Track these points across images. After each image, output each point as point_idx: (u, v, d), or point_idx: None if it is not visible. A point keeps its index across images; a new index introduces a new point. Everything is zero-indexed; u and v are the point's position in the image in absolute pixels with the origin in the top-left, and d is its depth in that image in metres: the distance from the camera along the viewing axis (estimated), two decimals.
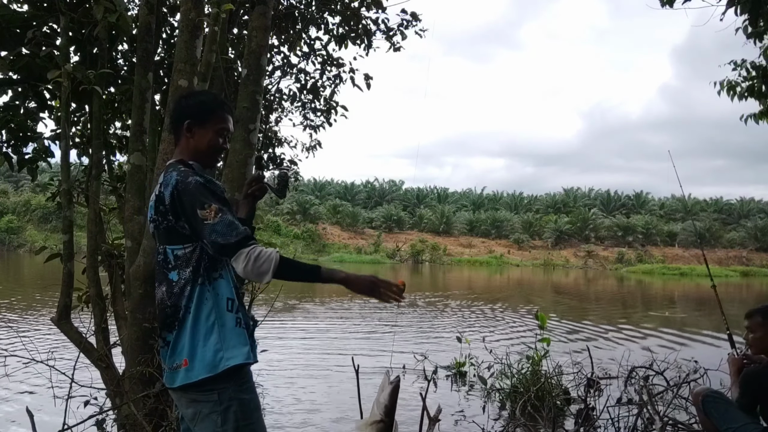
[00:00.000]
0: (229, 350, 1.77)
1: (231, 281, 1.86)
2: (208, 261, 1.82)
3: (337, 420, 4.82)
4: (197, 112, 1.90)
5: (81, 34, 3.63)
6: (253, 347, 1.88)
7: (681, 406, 4.96)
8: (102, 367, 3.53)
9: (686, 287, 32.21)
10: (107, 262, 3.76)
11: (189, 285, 1.78)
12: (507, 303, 17.28)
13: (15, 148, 3.76)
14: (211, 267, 1.83)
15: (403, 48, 6.26)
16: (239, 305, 1.86)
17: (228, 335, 1.79)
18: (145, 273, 3.22)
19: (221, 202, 1.76)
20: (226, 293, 1.82)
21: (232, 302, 1.83)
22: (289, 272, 1.74)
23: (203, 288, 1.80)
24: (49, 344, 7.07)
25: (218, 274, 1.84)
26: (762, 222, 65.44)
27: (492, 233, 69.69)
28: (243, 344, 1.81)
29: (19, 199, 57.13)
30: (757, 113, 6.70)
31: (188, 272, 1.80)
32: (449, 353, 7.55)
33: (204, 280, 1.81)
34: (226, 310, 1.81)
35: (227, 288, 1.84)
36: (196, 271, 1.81)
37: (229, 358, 1.76)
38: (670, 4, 5.25)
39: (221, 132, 1.92)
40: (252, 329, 1.92)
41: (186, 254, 1.80)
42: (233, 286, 1.86)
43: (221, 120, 1.92)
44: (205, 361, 1.75)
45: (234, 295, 1.84)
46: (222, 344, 1.77)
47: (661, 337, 10.98)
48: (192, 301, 1.79)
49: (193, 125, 1.89)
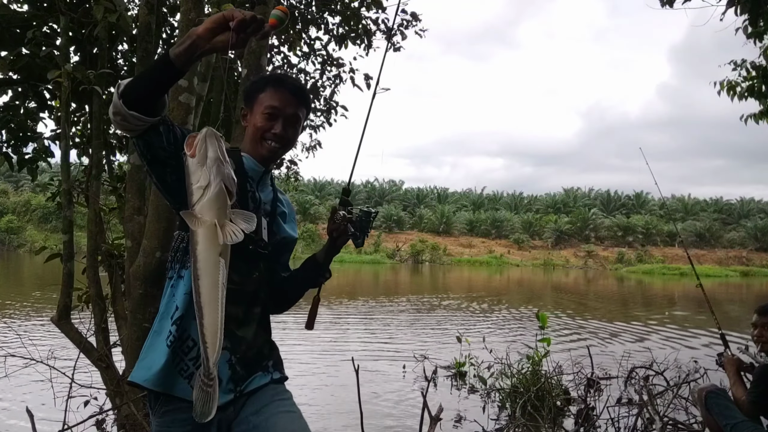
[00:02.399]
0: (139, 362, 1.50)
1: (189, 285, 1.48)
2: (184, 250, 1.53)
3: (342, 428, 4.82)
4: (246, 96, 1.68)
5: (81, 34, 3.63)
6: (177, 373, 1.47)
7: (681, 406, 4.96)
8: (102, 367, 3.53)
9: (686, 287, 32.18)
10: (107, 262, 3.76)
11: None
12: (507, 303, 17.28)
13: (15, 148, 3.77)
14: (183, 257, 1.53)
15: (403, 48, 6.27)
16: (183, 318, 1.48)
17: (151, 344, 1.51)
18: (145, 273, 3.21)
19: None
20: (178, 298, 1.50)
21: (177, 309, 1.49)
22: (136, 85, 1.30)
23: (167, 283, 1.56)
24: (49, 344, 7.06)
25: (184, 270, 1.52)
26: (762, 222, 65.44)
27: (492, 233, 69.68)
28: (153, 363, 1.47)
29: (19, 199, 57.17)
30: (757, 113, 6.71)
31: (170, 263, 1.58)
32: (449, 353, 7.55)
33: (173, 273, 1.55)
34: (169, 316, 1.50)
35: (181, 291, 1.51)
36: (172, 260, 1.57)
37: (136, 369, 1.50)
38: (670, 4, 5.25)
39: (268, 112, 1.59)
40: (193, 354, 1.48)
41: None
42: (187, 293, 1.49)
43: (268, 97, 1.61)
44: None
45: (183, 304, 1.48)
46: (144, 353, 1.51)
47: (661, 337, 10.98)
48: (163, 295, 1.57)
49: (246, 112, 1.67)
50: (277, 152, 1.65)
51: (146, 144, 1.38)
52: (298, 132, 1.68)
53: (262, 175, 1.67)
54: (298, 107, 1.64)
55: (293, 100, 1.62)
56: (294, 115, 1.63)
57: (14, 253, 47.89)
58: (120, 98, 1.28)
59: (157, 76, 1.29)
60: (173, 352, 1.47)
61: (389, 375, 6.77)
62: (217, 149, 1.25)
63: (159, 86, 1.30)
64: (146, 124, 1.32)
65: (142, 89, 1.29)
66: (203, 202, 1.24)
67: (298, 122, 1.66)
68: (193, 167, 1.24)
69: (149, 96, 1.30)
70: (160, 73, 1.29)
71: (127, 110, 1.28)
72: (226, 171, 1.26)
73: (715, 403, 3.17)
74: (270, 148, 1.62)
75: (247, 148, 1.65)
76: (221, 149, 1.26)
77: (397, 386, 6.22)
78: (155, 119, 1.34)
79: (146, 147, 1.39)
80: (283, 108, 1.60)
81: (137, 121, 1.30)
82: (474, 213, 74.12)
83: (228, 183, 1.26)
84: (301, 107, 1.65)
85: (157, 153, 1.41)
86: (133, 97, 1.28)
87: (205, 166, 1.24)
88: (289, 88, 1.62)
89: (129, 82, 1.30)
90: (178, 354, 1.48)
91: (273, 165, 1.75)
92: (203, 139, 1.25)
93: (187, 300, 1.47)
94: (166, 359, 1.45)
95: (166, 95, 1.37)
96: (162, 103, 1.35)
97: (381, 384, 6.28)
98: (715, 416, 3.14)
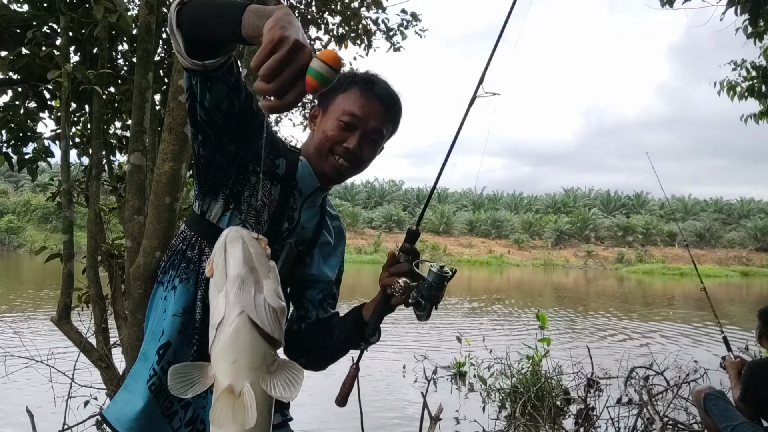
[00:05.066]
0: (121, 391, 1.23)
1: (183, 304, 1.19)
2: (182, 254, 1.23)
3: (342, 427, 4.82)
4: (322, 95, 1.28)
5: (81, 34, 3.63)
6: (159, 414, 1.19)
7: (681, 406, 4.96)
8: (102, 367, 3.52)
9: (686, 287, 32.18)
10: (107, 262, 3.76)
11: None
12: (507, 303, 17.27)
13: (15, 148, 3.77)
14: (180, 263, 1.22)
15: (403, 48, 6.27)
16: (169, 346, 1.18)
17: (135, 370, 1.22)
18: (145, 273, 3.21)
19: None
20: (167, 319, 1.19)
21: (163, 334, 1.18)
22: (198, 13, 0.96)
23: (158, 287, 1.26)
24: (49, 344, 7.06)
25: (184, 275, 1.20)
26: (762, 222, 65.48)
27: (492, 233, 69.72)
28: (133, 398, 1.18)
29: (19, 199, 57.20)
30: (758, 113, 6.71)
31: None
32: (449, 353, 7.55)
33: (165, 279, 1.24)
34: (156, 339, 1.19)
35: (171, 311, 1.19)
36: (168, 262, 1.25)
37: (114, 402, 1.23)
38: (670, 4, 5.25)
39: (344, 120, 1.23)
40: (174, 401, 1.20)
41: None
42: (177, 314, 1.18)
43: (349, 101, 1.24)
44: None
45: (171, 329, 1.18)
46: (129, 380, 1.22)
47: (661, 336, 10.98)
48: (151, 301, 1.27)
49: (317, 112, 1.32)
50: (344, 173, 1.28)
51: (204, 91, 1.06)
52: (375, 153, 1.31)
53: (314, 191, 1.31)
54: (385, 122, 1.28)
55: (381, 110, 1.26)
56: (377, 131, 1.27)
57: (14, 253, 47.88)
58: (176, 19, 0.96)
59: (223, 22, 0.93)
60: (156, 393, 1.18)
61: (389, 375, 6.77)
62: (242, 259, 0.81)
63: (219, 44, 0.98)
64: (201, 67, 0.99)
65: (203, 25, 0.95)
66: (214, 350, 0.80)
67: (380, 140, 1.30)
68: (212, 293, 0.84)
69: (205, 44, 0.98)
70: (227, 36, 0.94)
71: (181, 38, 0.97)
72: (256, 296, 0.80)
73: (715, 405, 3.17)
74: (336, 165, 1.25)
75: (309, 155, 1.29)
76: (254, 255, 0.83)
77: (397, 386, 6.23)
78: (217, 61, 0.99)
79: (203, 93, 1.06)
80: (365, 118, 1.24)
81: (191, 61, 0.99)
82: (474, 213, 74.15)
83: (260, 315, 0.78)
84: (388, 123, 1.29)
85: (214, 116, 1.09)
86: (194, 29, 0.96)
87: (222, 291, 0.80)
88: (379, 94, 1.26)
89: (187, 14, 0.96)
90: (164, 391, 1.17)
91: (333, 186, 1.37)
92: (221, 246, 0.83)
93: (176, 324, 1.18)
94: (145, 403, 1.17)
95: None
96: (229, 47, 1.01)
97: (381, 384, 6.27)
98: (714, 418, 3.14)
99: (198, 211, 1.23)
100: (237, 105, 1.10)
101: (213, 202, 1.21)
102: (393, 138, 1.37)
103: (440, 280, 1.25)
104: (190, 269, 1.20)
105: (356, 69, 1.37)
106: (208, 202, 1.21)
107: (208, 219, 1.21)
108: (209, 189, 1.18)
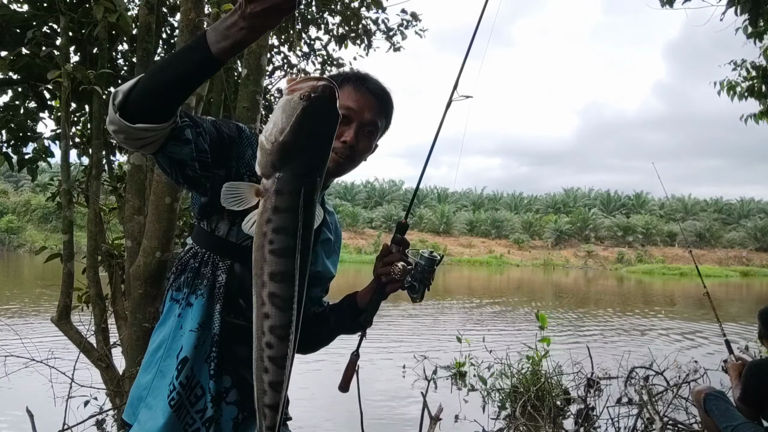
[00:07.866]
0: (139, 401, 1.25)
1: (199, 319, 1.24)
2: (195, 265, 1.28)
3: (342, 428, 4.82)
4: None
5: (81, 34, 3.63)
6: (181, 430, 1.23)
7: (681, 407, 4.96)
8: (102, 367, 3.52)
9: (686, 287, 32.18)
10: (107, 262, 3.76)
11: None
12: (507, 303, 17.27)
13: (15, 148, 3.77)
14: (194, 280, 1.27)
15: (403, 48, 6.27)
16: (189, 361, 1.22)
17: (155, 386, 1.25)
18: (145, 273, 3.21)
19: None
20: (185, 335, 1.24)
21: (182, 350, 1.23)
22: (152, 81, 0.99)
23: (172, 305, 1.29)
24: (49, 344, 7.06)
25: (200, 292, 1.25)
26: (762, 222, 65.44)
27: (492, 233, 69.70)
28: (154, 415, 1.22)
29: (19, 199, 57.15)
30: (757, 113, 6.71)
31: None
32: (449, 353, 7.55)
33: (180, 297, 1.28)
34: (174, 355, 1.23)
35: (189, 326, 1.24)
36: (179, 280, 1.30)
37: (137, 421, 1.24)
38: (670, 4, 5.25)
39: (341, 113, 1.22)
40: (200, 405, 1.24)
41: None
42: (194, 330, 1.23)
43: (344, 96, 1.29)
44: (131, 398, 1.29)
45: (190, 345, 1.22)
46: (147, 391, 1.25)
47: (661, 336, 10.98)
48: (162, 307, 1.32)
49: None
50: (341, 166, 1.31)
51: (169, 160, 1.09)
52: (371, 146, 1.35)
53: None
54: (378, 114, 1.33)
55: (374, 104, 1.31)
56: (372, 123, 1.31)
57: (14, 253, 47.87)
58: (117, 111, 0.98)
59: (190, 75, 0.98)
60: (177, 409, 1.21)
61: (389, 375, 6.77)
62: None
63: (189, 87, 1.01)
64: (160, 133, 1.02)
65: (164, 93, 0.98)
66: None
67: (375, 133, 1.35)
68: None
69: (170, 101, 1.00)
70: (198, 71, 0.98)
71: (129, 125, 0.98)
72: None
73: (715, 405, 3.17)
74: (335, 159, 1.28)
75: None
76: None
77: (397, 386, 6.23)
78: (169, 123, 1.02)
79: (171, 164, 1.10)
80: (360, 111, 1.29)
81: (148, 133, 1.00)
82: (474, 213, 74.15)
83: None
84: (381, 116, 1.34)
85: (186, 171, 1.11)
86: (148, 106, 0.98)
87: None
88: (372, 89, 1.32)
89: (135, 89, 0.99)
90: (184, 407, 1.22)
91: (331, 181, 1.42)
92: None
93: (192, 339, 1.22)
94: (166, 419, 1.20)
95: None
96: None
97: (381, 384, 6.27)
98: (714, 418, 3.14)
99: (207, 229, 1.28)
100: (208, 137, 1.13)
101: (219, 220, 1.27)
102: (386, 135, 1.42)
103: (431, 263, 1.40)
104: (205, 285, 1.25)
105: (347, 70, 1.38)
106: (215, 220, 1.27)
107: (218, 235, 1.27)
108: (211, 210, 1.23)
